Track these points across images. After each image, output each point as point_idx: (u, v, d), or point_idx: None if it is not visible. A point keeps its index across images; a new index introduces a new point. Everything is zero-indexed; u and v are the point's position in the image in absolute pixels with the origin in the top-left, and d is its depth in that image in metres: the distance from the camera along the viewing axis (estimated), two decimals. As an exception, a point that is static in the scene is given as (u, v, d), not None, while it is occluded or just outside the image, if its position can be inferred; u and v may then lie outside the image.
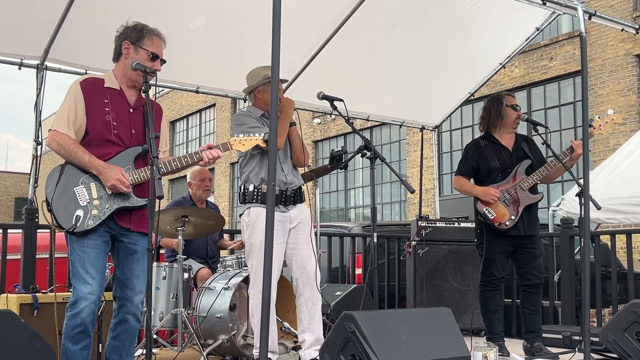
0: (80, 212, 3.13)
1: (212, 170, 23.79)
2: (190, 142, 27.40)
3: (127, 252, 3.31)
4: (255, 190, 4.14)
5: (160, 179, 2.99)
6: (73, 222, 3.11)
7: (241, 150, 3.60)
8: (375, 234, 3.71)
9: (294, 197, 4.23)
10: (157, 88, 3.74)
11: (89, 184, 3.19)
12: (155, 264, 4.82)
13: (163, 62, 3.40)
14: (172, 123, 28.41)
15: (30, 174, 4.90)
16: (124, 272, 3.31)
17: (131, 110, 3.32)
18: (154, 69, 3.29)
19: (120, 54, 3.35)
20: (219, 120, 25.70)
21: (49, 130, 3.24)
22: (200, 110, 27.04)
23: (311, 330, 4.12)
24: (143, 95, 3.39)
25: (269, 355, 4.05)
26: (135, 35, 3.31)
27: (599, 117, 4.79)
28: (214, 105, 25.90)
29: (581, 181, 4.25)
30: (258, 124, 4.16)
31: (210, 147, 3.40)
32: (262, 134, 3.59)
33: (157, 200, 2.98)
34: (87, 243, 3.15)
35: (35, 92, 5.03)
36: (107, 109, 3.23)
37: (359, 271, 6.93)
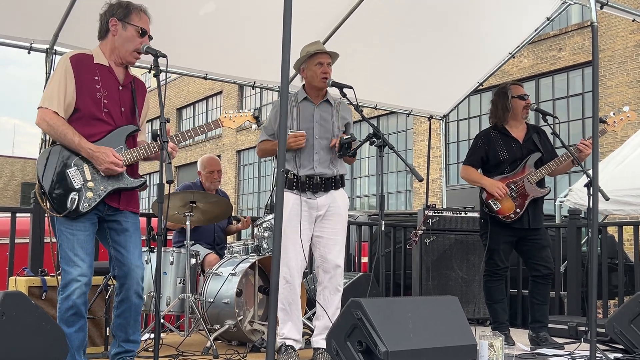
0: (75, 195, 3.12)
1: (217, 157, 23.84)
2: (197, 129, 27.36)
3: (119, 231, 3.30)
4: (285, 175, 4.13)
5: (170, 163, 3.00)
6: (68, 206, 3.10)
7: (231, 127, 3.57)
8: (382, 222, 3.71)
9: (325, 185, 4.16)
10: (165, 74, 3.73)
11: (82, 166, 3.17)
12: (162, 248, 4.83)
13: (150, 38, 3.35)
14: (179, 110, 28.43)
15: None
16: (118, 250, 3.30)
17: (120, 87, 3.31)
18: (143, 44, 3.28)
19: (107, 31, 3.31)
20: (226, 107, 25.68)
21: (38, 107, 3.19)
22: (206, 98, 27.04)
23: (324, 318, 4.12)
24: (131, 73, 3.40)
25: (293, 343, 4.07)
26: (122, 12, 3.28)
27: (613, 114, 4.74)
28: (220, 92, 25.89)
29: (590, 172, 4.24)
30: (289, 114, 4.09)
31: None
32: (252, 110, 3.56)
33: (167, 185, 2.99)
34: (75, 226, 3.14)
35: (43, 77, 5.03)
36: (97, 86, 3.20)
37: (364, 260, 6.93)
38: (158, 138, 3.10)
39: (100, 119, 3.20)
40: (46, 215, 3.19)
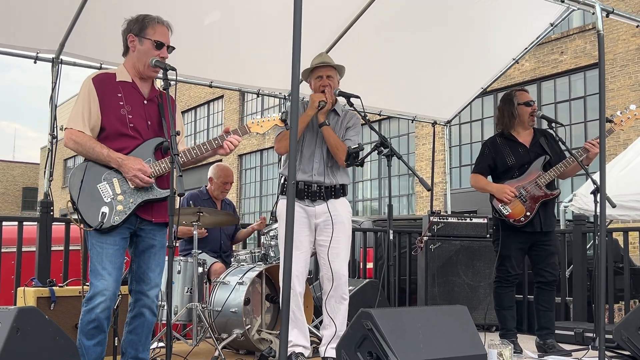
0: (105, 209, 3.15)
1: (219, 161, 23.84)
2: (198, 134, 27.43)
3: (145, 246, 3.32)
4: (285, 183, 4.15)
5: (181, 176, 3.00)
6: (99, 220, 3.12)
7: (259, 132, 3.54)
8: (391, 231, 3.71)
9: (325, 194, 4.16)
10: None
11: (112, 180, 3.20)
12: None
13: (171, 49, 3.37)
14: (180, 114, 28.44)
15: (45, 168, 4.93)
16: (140, 265, 3.32)
17: (145, 102, 3.33)
18: (161, 56, 3.29)
19: (128, 48, 3.36)
20: (227, 112, 25.71)
21: (65, 129, 3.25)
22: (208, 102, 27.06)
23: (331, 327, 4.12)
24: (157, 87, 3.41)
25: (302, 350, 4.06)
26: (137, 27, 3.31)
27: (620, 113, 4.74)
28: (222, 97, 25.91)
29: (595, 177, 4.23)
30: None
31: (227, 131, 3.37)
32: (280, 114, 3.53)
33: (178, 198, 3.00)
34: (106, 239, 3.16)
35: (44, 81, 5.22)
36: (121, 103, 3.23)
37: (369, 265, 6.93)
38: (169, 151, 3.11)
39: (127, 134, 3.23)
40: (79, 227, 3.19)
